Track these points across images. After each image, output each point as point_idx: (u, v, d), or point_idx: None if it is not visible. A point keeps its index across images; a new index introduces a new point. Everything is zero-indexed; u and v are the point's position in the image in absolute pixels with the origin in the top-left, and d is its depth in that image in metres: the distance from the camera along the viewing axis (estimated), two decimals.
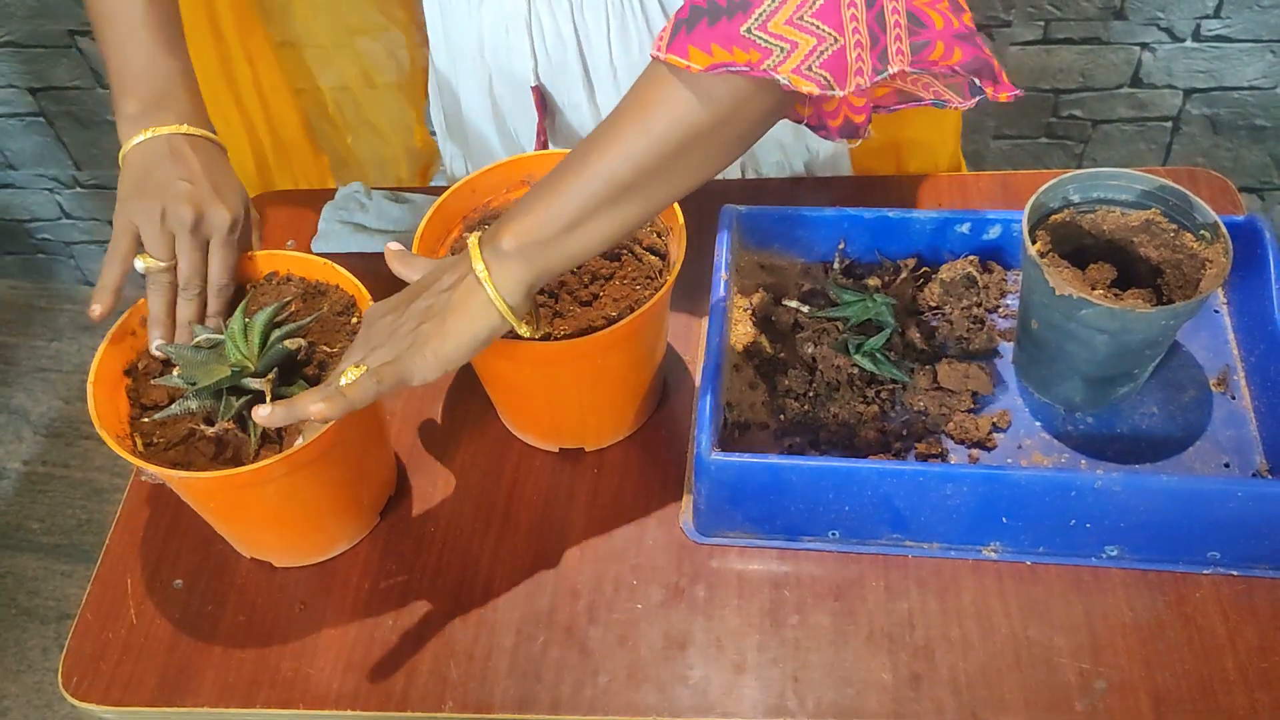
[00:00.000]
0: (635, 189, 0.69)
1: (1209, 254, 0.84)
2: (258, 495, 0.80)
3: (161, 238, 0.83)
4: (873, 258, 1.01)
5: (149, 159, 0.84)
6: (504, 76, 1.05)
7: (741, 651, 0.82)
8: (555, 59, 1.01)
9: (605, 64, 1.01)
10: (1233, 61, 1.66)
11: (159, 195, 0.83)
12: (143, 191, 0.83)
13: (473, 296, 0.71)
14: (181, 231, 0.83)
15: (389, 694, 0.82)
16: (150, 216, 0.83)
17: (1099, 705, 0.77)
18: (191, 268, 0.84)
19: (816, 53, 0.64)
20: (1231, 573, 0.83)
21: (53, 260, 2.24)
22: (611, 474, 0.92)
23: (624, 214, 0.70)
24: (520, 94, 1.05)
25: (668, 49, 0.65)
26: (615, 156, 0.68)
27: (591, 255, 0.72)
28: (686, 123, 0.66)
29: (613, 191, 0.68)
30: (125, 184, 0.84)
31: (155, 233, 0.83)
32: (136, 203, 0.83)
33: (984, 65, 0.67)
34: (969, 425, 0.89)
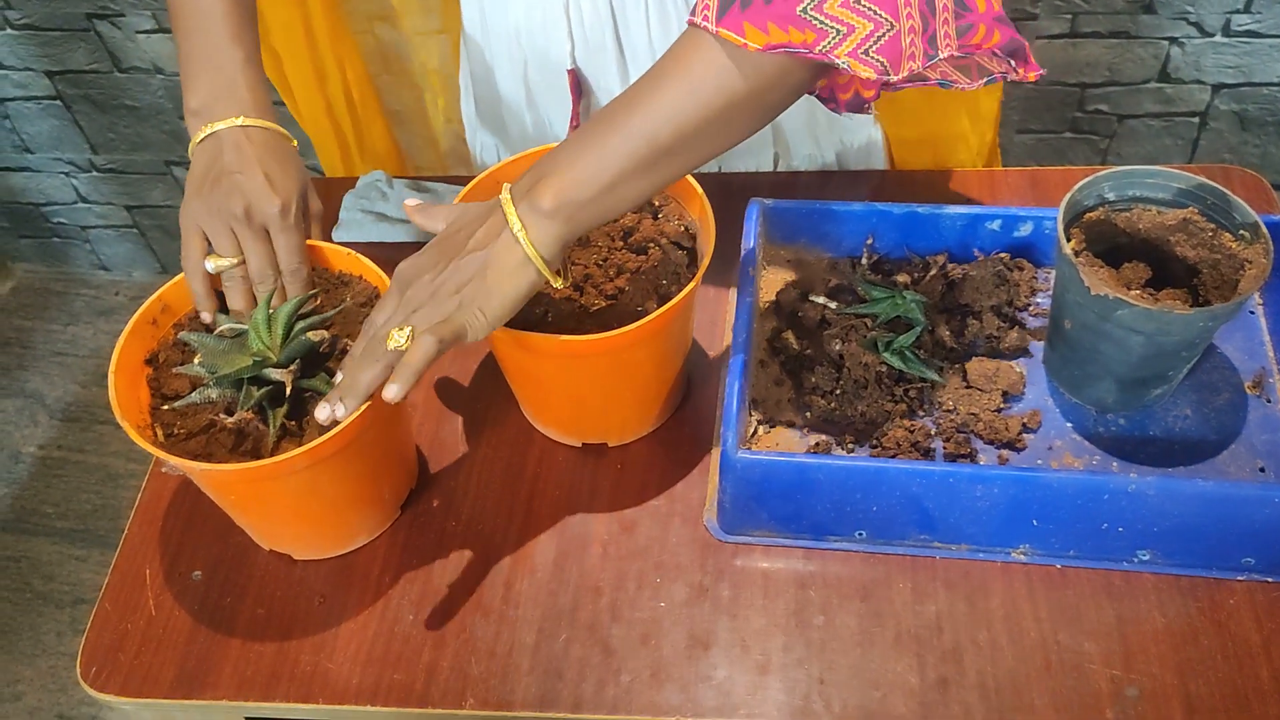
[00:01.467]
0: (673, 153, 0.69)
1: (1248, 254, 0.82)
2: (279, 488, 0.79)
3: (225, 235, 0.84)
4: (902, 254, 1.00)
5: (209, 157, 0.85)
6: (539, 61, 1.03)
7: (766, 652, 0.81)
8: (593, 40, 1.00)
9: (644, 44, 1.00)
10: (1262, 57, 1.64)
11: (213, 193, 0.83)
12: (200, 191, 0.84)
13: (510, 254, 0.71)
14: (238, 225, 0.83)
15: (409, 690, 0.81)
16: (209, 216, 0.84)
17: (1130, 713, 0.76)
18: (259, 259, 0.84)
19: (874, 37, 0.64)
20: (1266, 580, 0.81)
21: (69, 244, 2.24)
22: (635, 470, 0.91)
23: (659, 176, 0.71)
24: (555, 79, 1.04)
25: (719, 22, 0.65)
26: (658, 119, 0.68)
27: (620, 215, 0.74)
28: (730, 91, 0.67)
29: (653, 154, 0.69)
30: (188, 185, 0.86)
31: (218, 230, 0.84)
32: (195, 203, 0.84)
33: (1019, 47, 0.68)
34: (999, 425, 0.88)
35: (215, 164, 0.84)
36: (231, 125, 0.85)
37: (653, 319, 0.79)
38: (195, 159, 0.86)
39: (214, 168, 0.84)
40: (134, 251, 2.22)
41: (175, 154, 2.00)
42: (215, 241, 0.84)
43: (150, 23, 1.78)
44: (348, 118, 1.26)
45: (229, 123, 0.85)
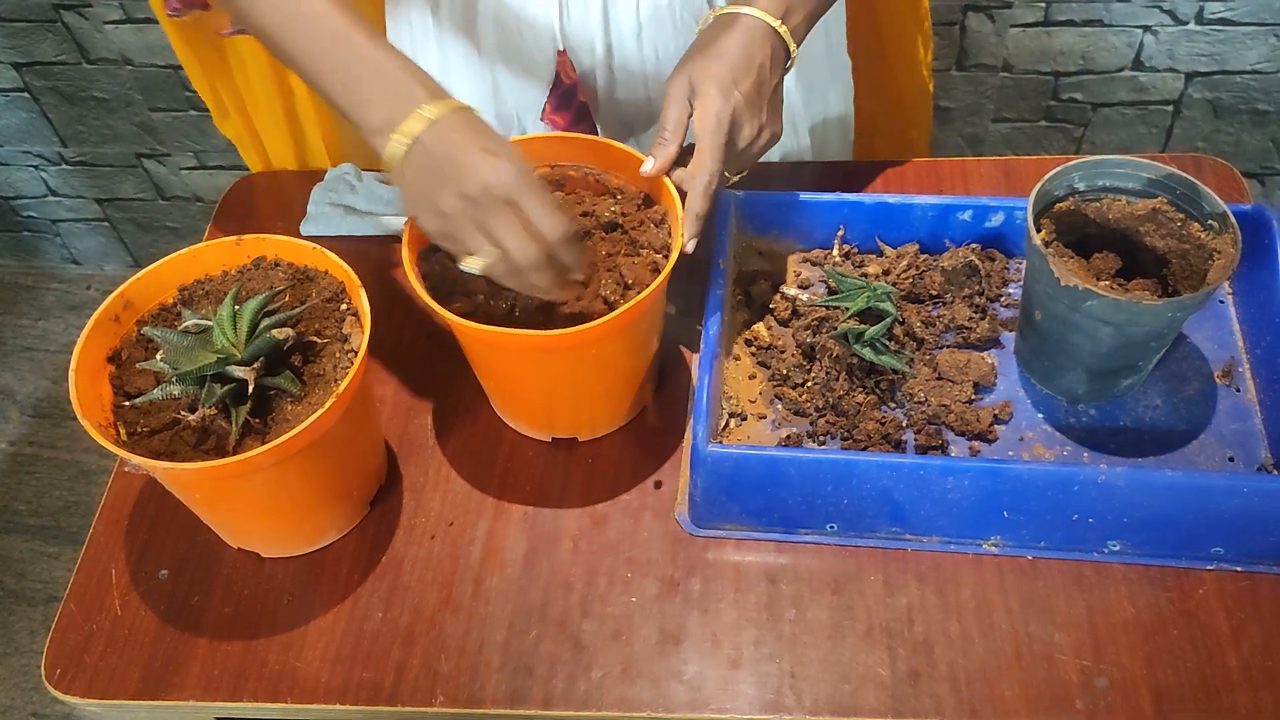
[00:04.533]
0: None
1: (1217, 244, 0.82)
2: (244, 485, 0.78)
3: (470, 230, 0.76)
4: (873, 245, 0.99)
5: (417, 167, 0.76)
6: (516, 51, 1.01)
7: (737, 646, 0.81)
8: (576, 19, 0.98)
9: (631, 27, 0.99)
10: (1235, 45, 1.64)
11: (441, 194, 0.76)
12: (429, 203, 0.77)
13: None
14: (479, 211, 0.75)
15: (379, 688, 0.80)
16: (453, 222, 0.76)
17: (1100, 703, 0.76)
18: (518, 236, 0.76)
19: None
20: (1235, 569, 0.82)
21: (39, 238, 2.21)
22: (606, 464, 0.91)
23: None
24: (531, 68, 1.02)
25: None
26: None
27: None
28: None
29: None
30: (412, 205, 0.78)
31: (462, 228, 0.76)
32: (434, 219, 0.77)
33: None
34: (970, 416, 0.88)
35: (429, 167, 0.76)
36: (423, 122, 0.76)
37: (621, 313, 0.78)
38: (402, 174, 0.77)
39: (429, 171, 0.76)
40: (105, 245, 2.19)
41: (145, 146, 1.98)
42: (466, 242, 0.77)
43: (118, 13, 1.76)
44: (299, 111, 1.23)
45: (419, 121, 0.76)
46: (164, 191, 2.07)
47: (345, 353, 0.81)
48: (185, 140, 1.96)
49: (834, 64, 1.13)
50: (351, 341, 0.82)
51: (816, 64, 1.10)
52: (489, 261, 0.77)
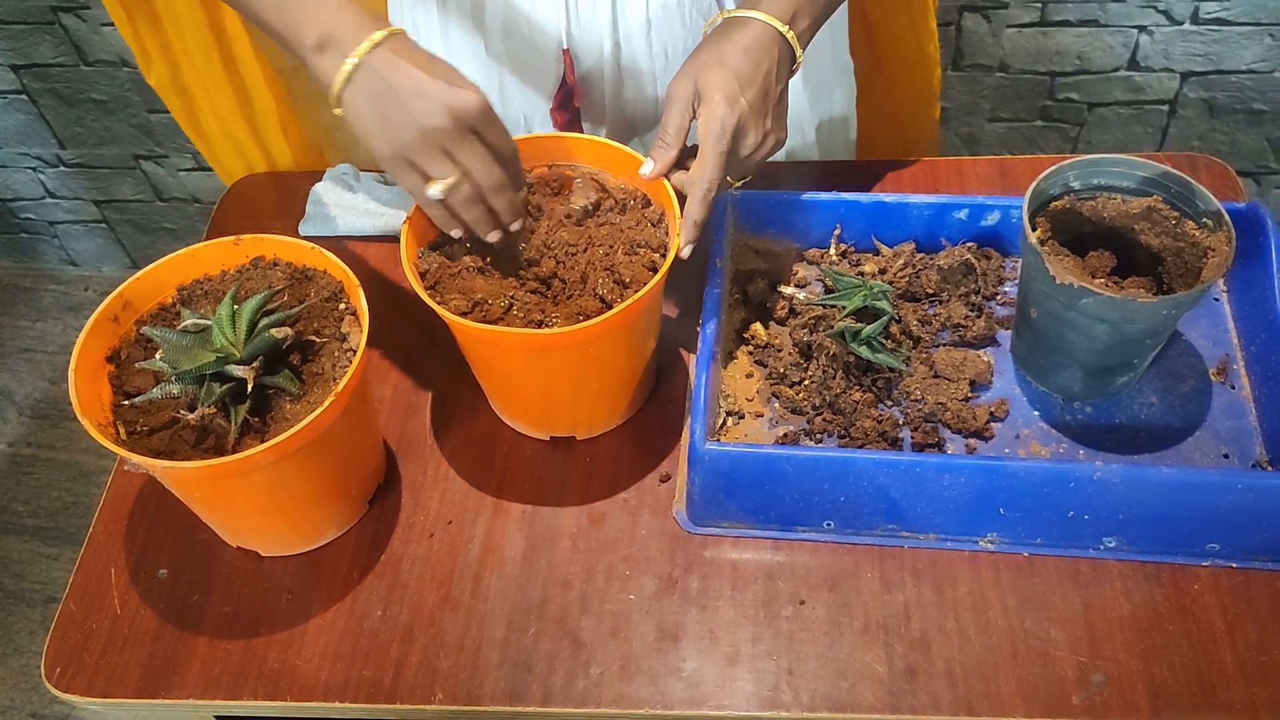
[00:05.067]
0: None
1: (1211, 242, 0.82)
2: (243, 484, 0.79)
3: (437, 156, 0.78)
4: (869, 244, 1.00)
5: (370, 89, 0.77)
6: (526, 43, 1.02)
7: (735, 643, 0.81)
8: (585, 17, 0.99)
9: (640, 24, 0.99)
10: (1231, 45, 1.65)
11: (405, 119, 0.77)
12: (389, 124, 0.78)
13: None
14: (448, 140, 0.78)
15: (378, 685, 0.81)
16: (415, 144, 0.78)
17: (1096, 699, 0.76)
18: (484, 163, 0.79)
19: None
20: (1230, 565, 0.82)
21: (37, 240, 2.21)
22: (604, 463, 0.91)
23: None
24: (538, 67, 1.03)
25: None
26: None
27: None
28: None
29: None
30: (366, 126, 0.79)
31: (429, 154, 0.78)
32: (392, 136, 0.78)
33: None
34: (966, 414, 0.88)
35: (385, 92, 0.77)
36: (372, 46, 0.76)
37: (618, 312, 0.79)
38: (354, 98, 0.78)
39: (386, 96, 0.77)
40: (103, 246, 2.20)
41: (143, 148, 1.98)
42: (430, 167, 0.79)
43: None
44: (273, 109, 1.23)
45: (369, 44, 0.76)
46: (162, 193, 2.07)
47: (344, 352, 0.82)
48: (183, 142, 1.96)
49: (838, 65, 1.14)
50: (350, 341, 0.82)
51: (822, 65, 1.11)
52: (453, 182, 0.79)
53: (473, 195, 0.81)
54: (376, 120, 0.78)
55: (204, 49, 1.15)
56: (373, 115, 0.78)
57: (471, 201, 0.81)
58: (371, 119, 0.78)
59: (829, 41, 1.10)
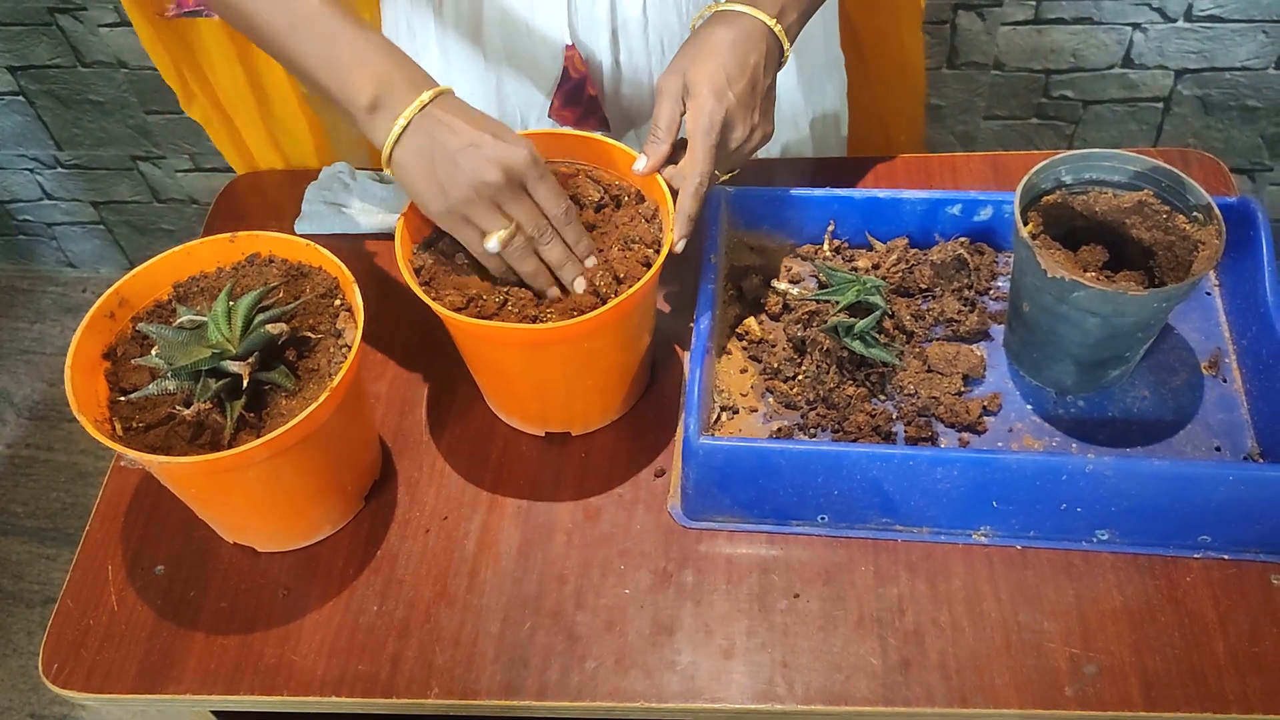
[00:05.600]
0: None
1: (1201, 236, 0.83)
2: (239, 480, 0.79)
3: (490, 211, 0.81)
4: (863, 239, 1.00)
5: (420, 147, 0.79)
6: (522, 48, 1.02)
7: (730, 637, 0.81)
8: (584, 12, 0.99)
9: (637, 17, 1.00)
10: (1225, 42, 1.65)
11: (458, 176, 0.79)
12: (441, 183, 0.80)
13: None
14: (501, 195, 0.80)
15: (374, 680, 0.81)
16: (469, 200, 0.80)
17: (1089, 690, 0.77)
18: (534, 216, 0.82)
19: None
20: (1222, 557, 0.82)
21: (34, 241, 2.21)
22: (599, 458, 0.92)
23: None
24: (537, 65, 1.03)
25: None
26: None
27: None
28: None
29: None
30: (418, 185, 0.81)
31: (482, 210, 0.80)
32: (447, 195, 0.80)
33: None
34: (959, 408, 0.88)
35: (435, 150, 0.79)
36: (420, 107, 0.79)
37: (612, 308, 0.79)
38: (404, 157, 0.80)
39: (435, 154, 0.79)
40: (101, 248, 2.20)
41: (141, 149, 1.98)
42: (483, 222, 0.81)
43: (113, 16, 1.76)
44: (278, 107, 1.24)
45: (417, 104, 0.79)
46: (159, 194, 2.08)
47: (339, 348, 0.82)
48: (180, 143, 1.96)
49: (830, 59, 1.14)
50: (345, 337, 0.82)
51: (815, 58, 1.11)
52: (506, 235, 0.81)
53: (525, 247, 0.82)
54: (427, 178, 0.80)
55: (233, 75, 1.16)
56: (423, 173, 0.80)
57: (524, 255, 0.82)
58: (422, 177, 0.80)
59: (821, 35, 1.11)
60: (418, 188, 0.81)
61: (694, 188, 0.83)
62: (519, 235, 0.81)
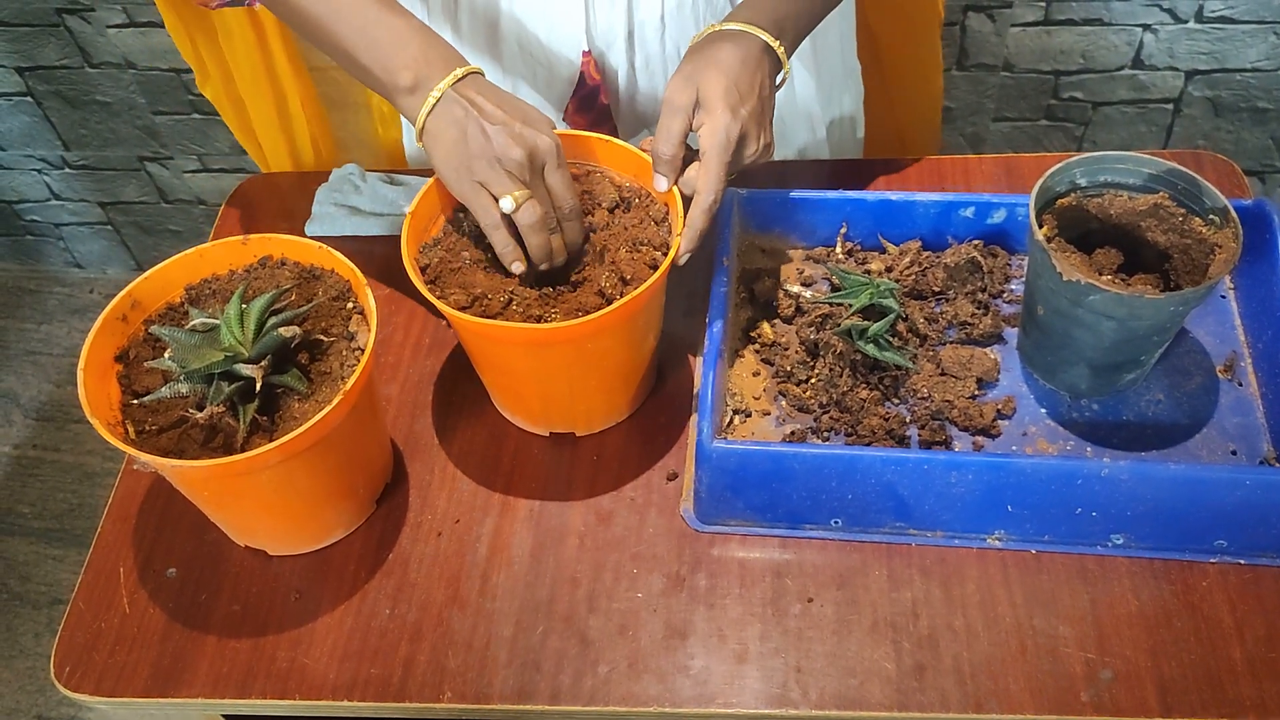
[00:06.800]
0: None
1: (1218, 239, 0.82)
2: (252, 483, 0.79)
3: (508, 182, 0.82)
4: (875, 242, 1.00)
5: (453, 119, 0.82)
6: (538, 54, 1.02)
7: (743, 641, 0.81)
8: (602, 18, 0.99)
9: (654, 22, 1.00)
10: (1235, 43, 1.65)
11: (486, 146, 0.81)
12: (468, 151, 0.82)
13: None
14: (522, 171, 0.82)
15: (386, 684, 0.81)
16: (490, 168, 0.82)
17: (1105, 695, 0.76)
18: (544, 204, 0.84)
19: None
20: (1239, 561, 0.82)
21: (41, 242, 2.21)
22: (610, 461, 0.91)
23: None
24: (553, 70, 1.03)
25: None
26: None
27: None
28: None
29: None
30: (446, 153, 0.83)
31: (501, 180, 0.82)
32: (469, 163, 0.82)
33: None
34: (973, 412, 0.88)
35: (467, 119, 0.82)
36: (455, 80, 0.82)
37: (617, 308, 0.79)
38: (436, 124, 0.82)
39: (467, 122, 0.82)
40: (108, 249, 2.20)
41: (148, 149, 1.98)
42: (499, 187, 0.82)
43: (120, 17, 1.76)
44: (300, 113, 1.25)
45: (452, 78, 0.82)
46: (167, 195, 2.08)
47: (351, 351, 0.82)
48: (188, 143, 1.96)
49: (846, 67, 1.15)
50: (358, 340, 0.82)
51: (833, 66, 1.12)
52: (524, 196, 0.82)
53: (543, 219, 0.83)
54: (457, 147, 0.82)
55: (251, 61, 1.18)
56: (454, 142, 0.82)
57: (540, 226, 0.83)
58: (452, 145, 0.82)
59: (838, 44, 1.11)
60: (444, 154, 0.83)
61: (707, 204, 0.84)
62: (536, 206, 0.83)
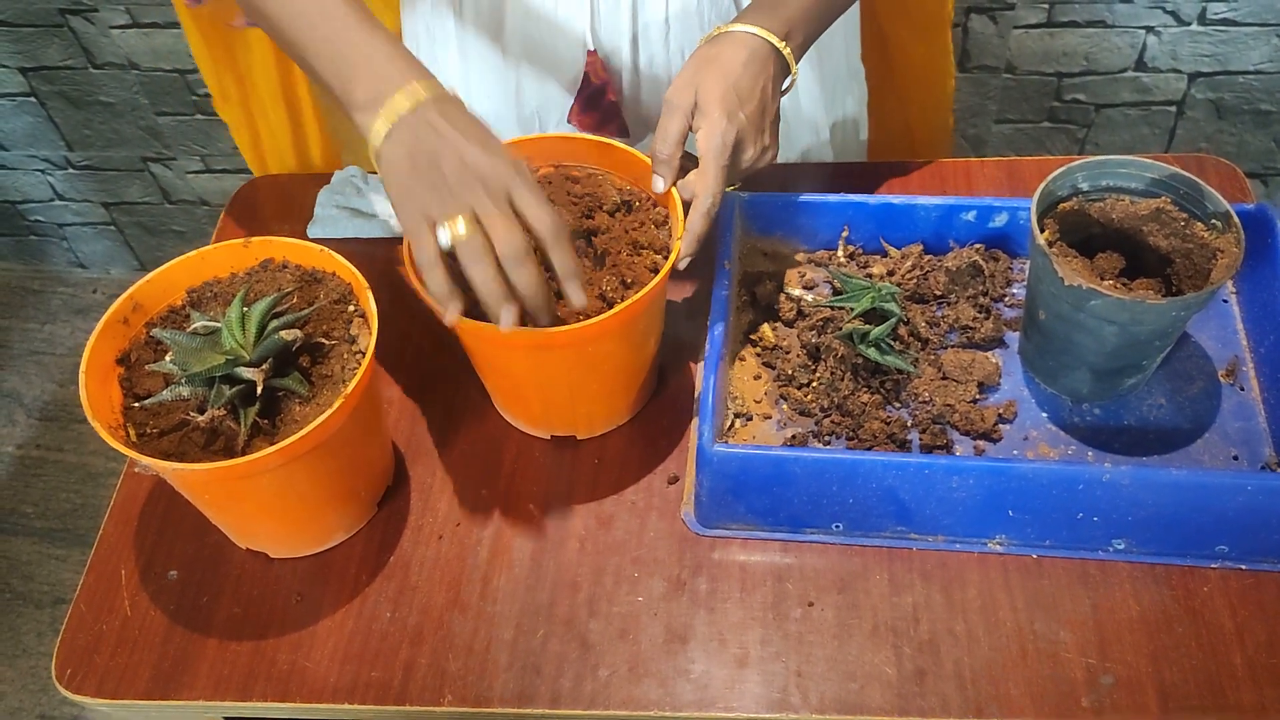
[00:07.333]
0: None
1: (1220, 243, 0.82)
2: (253, 486, 0.79)
3: (454, 212, 0.74)
4: (877, 245, 1.00)
5: (406, 145, 0.75)
6: (543, 53, 1.02)
7: (744, 645, 0.81)
8: (607, 18, 0.99)
9: (659, 21, 1.00)
10: (1238, 45, 1.65)
11: (435, 176, 0.74)
12: (416, 182, 0.75)
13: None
14: (480, 201, 0.73)
15: (387, 687, 0.81)
16: (442, 202, 0.74)
17: (1105, 701, 0.76)
18: (514, 234, 0.73)
19: None
20: (1240, 567, 0.82)
21: (45, 242, 2.22)
22: (611, 464, 0.91)
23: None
24: (557, 69, 1.03)
25: None
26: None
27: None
28: None
29: None
30: (396, 178, 0.76)
31: (453, 212, 0.74)
32: (418, 195, 0.75)
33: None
34: (974, 416, 0.88)
35: (420, 149, 0.75)
36: (415, 104, 0.75)
37: (617, 312, 0.79)
38: (391, 151, 0.75)
39: (419, 153, 0.74)
40: (111, 249, 2.20)
41: (151, 150, 1.98)
42: (444, 216, 0.74)
43: (124, 18, 1.77)
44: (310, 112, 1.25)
45: (412, 103, 0.75)
46: (170, 195, 2.08)
47: (353, 354, 0.82)
48: (191, 144, 1.96)
49: (851, 68, 1.15)
50: (359, 343, 0.82)
51: (837, 68, 1.12)
52: (469, 230, 0.73)
53: (484, 249, 0.73)
54: (406, 174, 0.75)
55: (268, 76, 1.18)
56: (405, 169, 0.75)
57: (480, 256, 0.73)
58: (403, 173, 0.75)
59: (843, 46, 1.11)
60: (394, 187, 0.76)
61: (705, 208, 0.83)
62: (477, 234, 0.73)
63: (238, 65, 1.18)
